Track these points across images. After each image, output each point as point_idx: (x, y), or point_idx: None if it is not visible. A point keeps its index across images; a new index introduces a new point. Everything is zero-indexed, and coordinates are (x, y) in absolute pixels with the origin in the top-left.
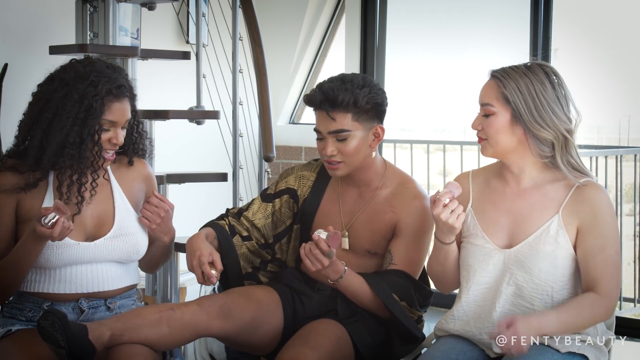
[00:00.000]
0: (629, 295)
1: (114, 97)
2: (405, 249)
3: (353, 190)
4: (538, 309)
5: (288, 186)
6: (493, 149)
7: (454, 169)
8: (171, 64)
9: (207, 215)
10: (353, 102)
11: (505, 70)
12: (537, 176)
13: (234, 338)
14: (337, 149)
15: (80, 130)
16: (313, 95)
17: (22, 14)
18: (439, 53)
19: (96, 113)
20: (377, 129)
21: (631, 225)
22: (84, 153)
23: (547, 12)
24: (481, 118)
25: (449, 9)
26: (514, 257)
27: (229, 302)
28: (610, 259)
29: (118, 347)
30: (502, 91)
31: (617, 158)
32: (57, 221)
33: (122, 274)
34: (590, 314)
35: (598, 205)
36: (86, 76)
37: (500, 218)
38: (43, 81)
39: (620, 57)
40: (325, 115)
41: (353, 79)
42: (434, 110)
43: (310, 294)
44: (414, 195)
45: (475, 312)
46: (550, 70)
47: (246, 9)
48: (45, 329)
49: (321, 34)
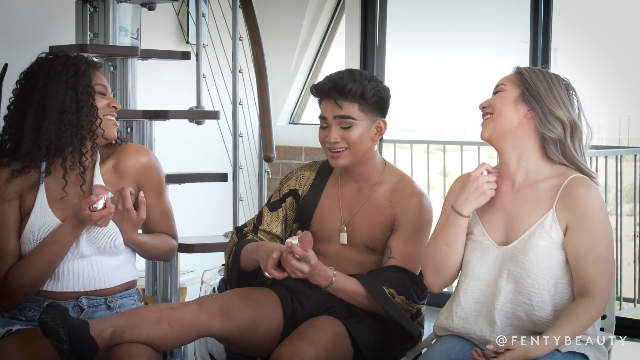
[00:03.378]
0: (629, 295)
1: (93, 66)
2: (404, 243)
3: (352, 186)
4: (537, 304)
5: (290, 188)
6: (494, 126)
7: (454, 169)
8: (171, 64)
9: (207, 215)
10: (360, 92)
11: (530, 67)
12: (532, 171)
13: (235, 338)
14: (341, 136)
15: (74, 94)
16: (322, 83)
17: (22, 14)
18: (439, 53)
19: (86, 74)
20: (380, 123)
21: (631, 225)
22: (83, 117)
23: (547, 12)
24: (492, 98)
25: (449, 9)
26: (510, 254)
27: (229, 302)
28: (601, 256)
29: (119, 347)
30: (519, 76)
31: (617, 158)
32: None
33: (118, 272)
34: (587, 320)
35: (586, 202)
36: (61, 55)
37: (497, 215)
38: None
39: (620, 57)
40: (332, 103)
41: (362, 73)
42: (434, 110)
43: (307, 292)
44: (413, 192)
45: (474, 310)
46: (568, 83)
47: (246, 9)
48: (47, 323)
49: (321, 34)
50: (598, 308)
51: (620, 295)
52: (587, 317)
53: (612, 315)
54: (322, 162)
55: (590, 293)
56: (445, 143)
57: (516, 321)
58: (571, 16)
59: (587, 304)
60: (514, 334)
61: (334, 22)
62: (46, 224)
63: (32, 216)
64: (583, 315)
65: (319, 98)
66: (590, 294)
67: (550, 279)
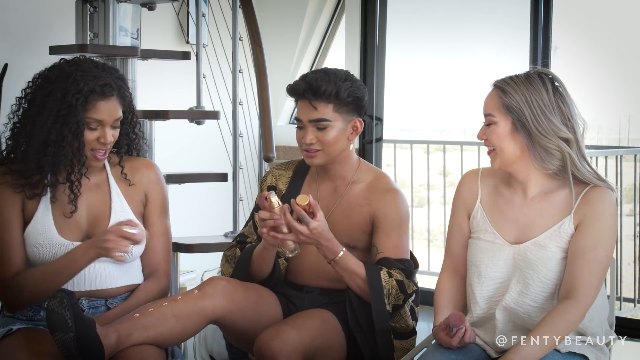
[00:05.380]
0: (629, 295)
1: (99, 95)
2: (387, 239)
3: (328, 185)
4: (541, 307)
5: (267, 185)
6: (500, 159)
7: (454, 169)
8: (171, 64)
9: (207, 216)
10: (335, 93)
11: (505, 81)
12: (544, 184)
13: (240, 325)
14: (317, 137)
15: (61, 128)
16: (296, 84)
17: (22, 14)
18: (439, 53)
19: (77, 111)
20: (356, 122)
21: (631, 225)
22: (64, 151)
23: (547, 12)
24: (485, 128)
25: (449, 9)
26: (522, 254)
27: (229, 285)
28: (598, 261)
29: (127, 351)
30: (503, 101)
31: (617, 158)
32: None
33: (121, 274)
34: (565, 322)
35: (600, 206)
36: (70, 75)
37: (510, 219)
38: (31, 80)
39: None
40: (307, 104)
41: (336, 72)
42: (434, 110)
43: (300, 295)
44: (388, 189)
45: (490, 308)
46: (548, 78)
47: (246, 9)
48: (54, 310)
49: (321, 34)
50: (578, 312)
51: (620, 295)
52: (565, 319)
53: (612, 315)
54: (298, 161)
55: (574, 294)
56: (445, 143)
57: (518, 321)
58: (571, 16)
59: (567, 306)
60: (514, 334)
61: (334, 22)
62: (46, 230)
63: (33, 221)
64: (561, 317)
65: (294, 98)
66: (574, 296)
67: (559, 283)
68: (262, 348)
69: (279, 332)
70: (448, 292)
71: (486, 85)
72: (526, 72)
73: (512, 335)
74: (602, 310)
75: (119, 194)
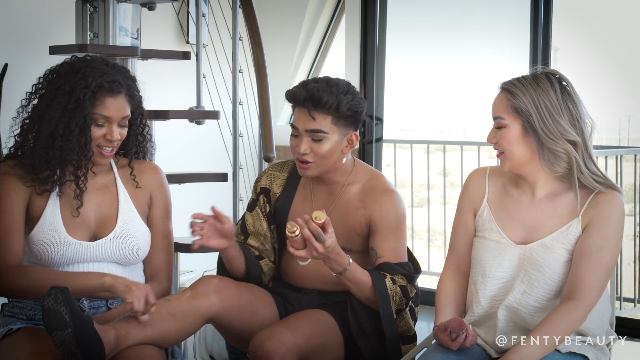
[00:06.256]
0: (629, 295)
1: (107, 91)
2: (385, 241)
3: (323, 188)
4: (544, 307)
5: (261, 186)
6: (510, 162)
7: (454, 169)
8: (171, 64)
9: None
10: (336, 106)
11: (513, 82)
12: (552, 185)
13: (237, 323)
14: (311, 148)
15: (68, 122)
16: (297, 92)
17: (22, 14)
18: (439, 53)
19: (84, 105)
20: (352, 136)
21: (631, 225)
22: (71, 145)
23: (547, 12)
24: (495, 131)
25: (449, 9)
26: (528, 254)
27: (221, 282)
28: (603, 263)
29: (126, 351)
30: (511, 103)
31: (617, 158)
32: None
33: (122, 275)
34: (566, 326)
35: (608, 209)
36: (79, 70)
37: (517, 220)
38: (42, 75)
39: (620, 57)
40: (306, 113)
41: (338, 84)
42: (434, 110)
43: (298, 296)
44: (383, 190)
45: (492, 307)
46: (556, 78)
47: (246, 9)
48: (49, 308)
49: (321, 34)
50: (580, 313)
51: (620, 295)
52: (567, 319)
53: (612, 315)
54: (294, 162)
55: (577, 295)
56: (445, 143)
57: (519, 321)
58: (571, 16)
59: (570, 307)
60: (514, 334)
61: (334, 22)
62: (54, 228)
63: (41, 219)
64: (563, 317)
65: (292, 104)
66: (577, 297)
67: (563, 286)
68: (257, 349)
69: (274, 333)
70: (450, 290)
71: (486, 86)
72: (533, 73)
73: (512, 335)
74: (602, 311)
75: (126, 195)
